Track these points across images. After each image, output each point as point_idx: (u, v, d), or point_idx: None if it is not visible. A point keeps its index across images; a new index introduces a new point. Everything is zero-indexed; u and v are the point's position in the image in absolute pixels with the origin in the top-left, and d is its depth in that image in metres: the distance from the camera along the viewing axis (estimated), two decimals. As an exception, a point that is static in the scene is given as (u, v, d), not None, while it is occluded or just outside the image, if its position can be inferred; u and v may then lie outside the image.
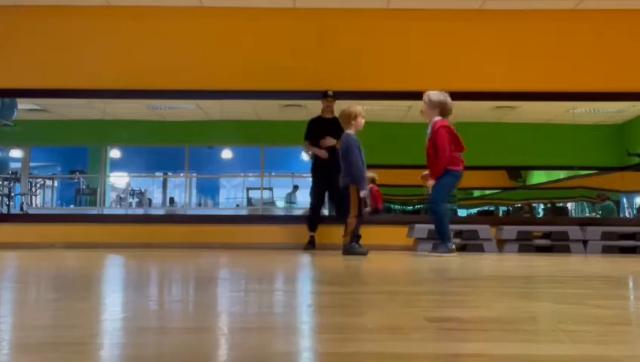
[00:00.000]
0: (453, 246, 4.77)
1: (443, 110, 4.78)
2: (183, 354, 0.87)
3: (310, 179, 6.25)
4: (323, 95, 6.08)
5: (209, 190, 13.12)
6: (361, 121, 4.86)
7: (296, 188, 12.19)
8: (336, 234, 5.37)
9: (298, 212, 10.49)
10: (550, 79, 6.70)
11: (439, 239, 4.81)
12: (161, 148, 11.25)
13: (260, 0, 6.67)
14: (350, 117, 4.84)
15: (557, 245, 6.04)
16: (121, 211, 11.52)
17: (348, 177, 4.80)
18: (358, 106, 4.95)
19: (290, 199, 12.10)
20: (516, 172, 8.84)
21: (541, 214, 8.81)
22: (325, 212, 9.87)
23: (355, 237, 4.85)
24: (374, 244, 5.64)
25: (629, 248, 6.03)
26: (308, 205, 6.41)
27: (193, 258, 4.05)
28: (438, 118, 4.76)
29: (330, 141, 5.60)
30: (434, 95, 4.81)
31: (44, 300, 1.67)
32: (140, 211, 11.57)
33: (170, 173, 12.97)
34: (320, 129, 5.92)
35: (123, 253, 4.84)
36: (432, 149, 4.76)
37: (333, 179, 5.28)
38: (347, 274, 2.74)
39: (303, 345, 0.99)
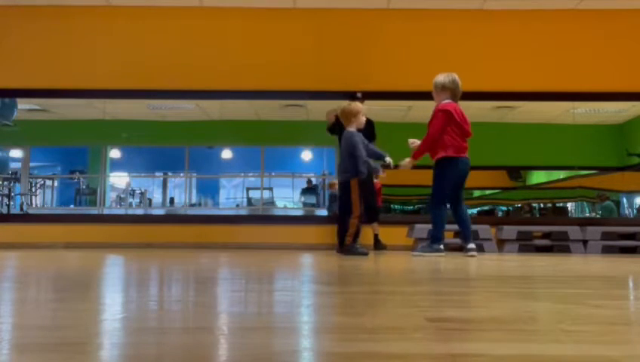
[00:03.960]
0: (442, 247, 4.63)
1: (453, 93, 4.63)
2: (183, 354, 0.87)
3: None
4: (350, 96, 5.80)
5: (209, 190, 13.11)
6: (362, 119, 4.81)
7: (310, 183, 11.90)
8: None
9: (322, 212, 10.34)
10: (550, 79, 6.70)
11: (429, 238, 4.76)
12: (161, 148, 11.26)
13: (259, 0, 6.67)
14: (351, 114, 4.77)
15: (557, 245, 6.05)
16: (121, 211, 11.52)
17: (347, 173, 4.72)
18: (358, 104, 4.91)
19: (303, 198, 11.72)
20: (516, 172, 8.83)
21: (541, 214, 8.81)
22: (324, 212, 9.85)
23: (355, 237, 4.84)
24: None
25: (629, 248, 6.04)
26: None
27: (193, 258, 4.04)
28: (446, 101, 4.62)
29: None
30: (439, 77, 4.67)
31: (44, 300, 1.67)
32: (140, 211, 11.58)
33: (170, 173, 12.97)
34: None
35: (123, 253, 4.84)
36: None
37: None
38: (347, 274, 2.74)
39: (303, 345, 0.99)
